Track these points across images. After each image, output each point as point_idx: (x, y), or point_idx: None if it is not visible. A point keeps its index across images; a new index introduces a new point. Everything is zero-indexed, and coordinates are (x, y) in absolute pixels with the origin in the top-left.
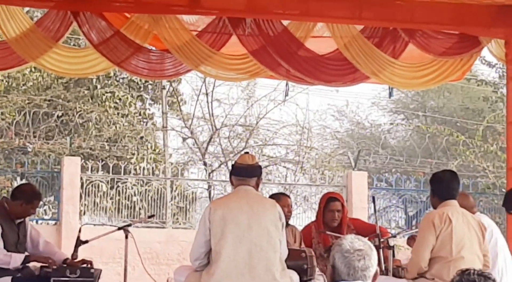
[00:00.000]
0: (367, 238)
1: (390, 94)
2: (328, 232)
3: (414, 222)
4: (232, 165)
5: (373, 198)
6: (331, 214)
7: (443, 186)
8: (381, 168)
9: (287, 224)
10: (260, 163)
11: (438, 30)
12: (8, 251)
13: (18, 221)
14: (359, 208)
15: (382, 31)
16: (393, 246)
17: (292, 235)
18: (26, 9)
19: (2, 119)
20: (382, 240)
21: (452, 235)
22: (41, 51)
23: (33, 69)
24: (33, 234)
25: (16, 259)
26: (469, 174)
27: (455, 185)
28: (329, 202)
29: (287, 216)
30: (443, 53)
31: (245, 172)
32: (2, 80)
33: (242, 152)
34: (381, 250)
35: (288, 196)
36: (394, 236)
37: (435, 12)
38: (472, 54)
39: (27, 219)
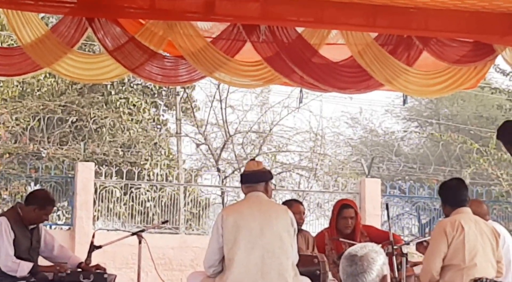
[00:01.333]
0: (380, 245)
1: (404, 102)
2: (341, 239)
3: (427, 230)
4: (241, 174)
5: (387, 205)
6: (345, 221)
7: (452, 194)
8: (395, 176)
9: (300, 230)
10: (273, 170)
11: (452, 38)
12: (20, 257)
13: (32, 227)
14: (372, 215)
15: (397, 38)
16: (406, 254)
17: (305, 241)
18: (41, 15)
19: (17, 124)
20: (395, 247)
21: (464, 243)
22: (56, 57)
23: (47, 75)
24: (47, 238)
25: (23, 268)
26: (482, 182)
27: (463, 191)
28: (342, 209)
29: (299, 223)
30: (457, 61)
31: (252, 178)
32: (17, 86)
33: (262, 159)
34: (394, 257)
35: (301, 203)
36: (408, 244)
37: (450, 20)
38: (486, 62)
39: (40, 224)
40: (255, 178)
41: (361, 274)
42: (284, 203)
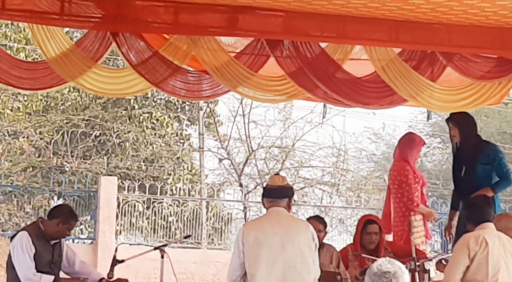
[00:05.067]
0: (403, 261)
1: (428, 117)
2: (364, 255)
3: (450, 246)
4: (263, 188)
5: (409, 221)
6: (369, 237)
7: (476, 211)
8: None
9: (325, 245)
10: (295, 185)
11: (476, 54)
12: (40, 271)
13: (53, 242)
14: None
15: (420, 54)
16: (428, 270)
17: (329, 256)
18: (66, 29)
19: (41, 138)
20: (418, 263)
21: (488, 258)
22: (80, 71)
23: (71, 89)
24: (69, 254)
25: (45, 281)
26: (506, 198)
27: (487, 209)
28: (367, 224)
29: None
30: (481, 76)
31: (276, 194)
32: (41, 100)
33: (285, 174)
34: (417, 273)
35: (320, 220)
36: (430, 260)
37: (473, 35)
38: (510, 78)
39: (62, 239)
40: (279, 194)
41: None
42: (307, 219)
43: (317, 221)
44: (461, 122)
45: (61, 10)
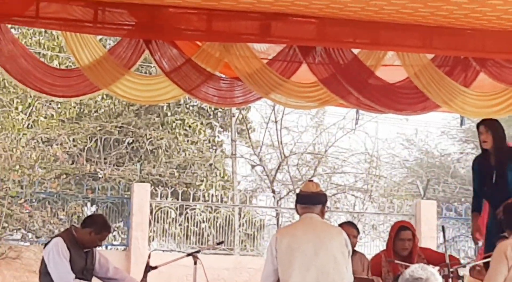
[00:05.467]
0: (437, 267)
1: (462, 123)
2: (397, 261)
3: (479, 246)
4: (297, 194)
5: (443, 227)
6: (402, 243)
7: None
8: (451, 198)
9: (356, 252)
10: (328, 191)
11: (509, 59)
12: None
13: (86, 250)
14: (428, 238)
15: (453, 59)
16: (462, 276)
17: (361, 263)
18: (99, 37)
19: (74, 146)
20: (451, 270)
21: None
22: (114, 79)
23: (104, 96)
24: (102, 261)
25: None
26: None
27: None
28: (400, 231)
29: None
30: None
31: (309, 200)
32: (75, 107)
33: (317, 180)
34: (450, 280)
35: (353, 226)
36: (464, 266)
37: (507, 41)
38: None
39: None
40: (313, 200)
41: None
42: (339, 225)
43: (351, 227)
44: (494, 127)
45: (94, 18)
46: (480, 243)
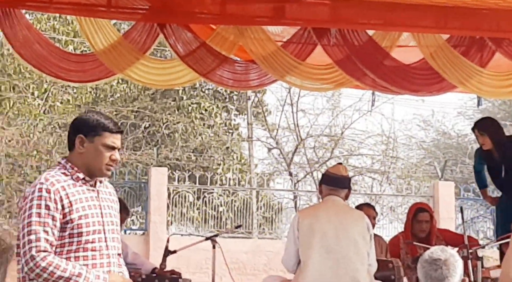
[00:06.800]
0: (456, 248)
1: (479, 103)
2: (415, 243)
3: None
4: (323, 174)
5: (461, 208)
6: (420, 225)
7: None
8: (468, 178)
9: (374, 235)
10: None
11: None
12: None
13: None
14: (446, 219)
15: (469, 40)
16: (481, 257)
17: (379, 246)
18: (114, 21)
19: None
20: (470, 251)
21: None
22: (129, 63)
23: (120, 81)
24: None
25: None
26: None
27: None
28: (417, 212)
29: None
30: None
31: (337, 183)
32: (91, 92)
33: (335, 163)
34: (469, 261)
35: (372, 207)
36: (483, 247)
37: None
38: None
39: None
40: (341, 184)
41: (447, 279)
42: (357, 207)
43: (369, 208)
44: (489, 129)
45: (108, 3)
46: None
